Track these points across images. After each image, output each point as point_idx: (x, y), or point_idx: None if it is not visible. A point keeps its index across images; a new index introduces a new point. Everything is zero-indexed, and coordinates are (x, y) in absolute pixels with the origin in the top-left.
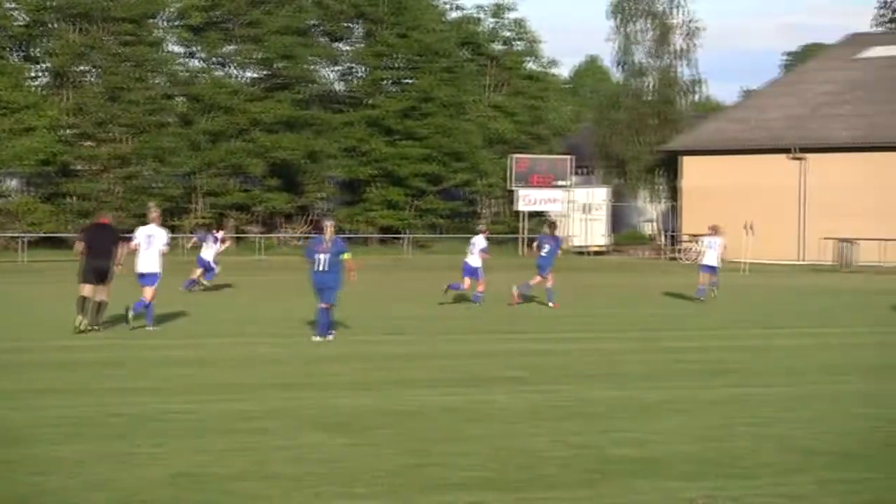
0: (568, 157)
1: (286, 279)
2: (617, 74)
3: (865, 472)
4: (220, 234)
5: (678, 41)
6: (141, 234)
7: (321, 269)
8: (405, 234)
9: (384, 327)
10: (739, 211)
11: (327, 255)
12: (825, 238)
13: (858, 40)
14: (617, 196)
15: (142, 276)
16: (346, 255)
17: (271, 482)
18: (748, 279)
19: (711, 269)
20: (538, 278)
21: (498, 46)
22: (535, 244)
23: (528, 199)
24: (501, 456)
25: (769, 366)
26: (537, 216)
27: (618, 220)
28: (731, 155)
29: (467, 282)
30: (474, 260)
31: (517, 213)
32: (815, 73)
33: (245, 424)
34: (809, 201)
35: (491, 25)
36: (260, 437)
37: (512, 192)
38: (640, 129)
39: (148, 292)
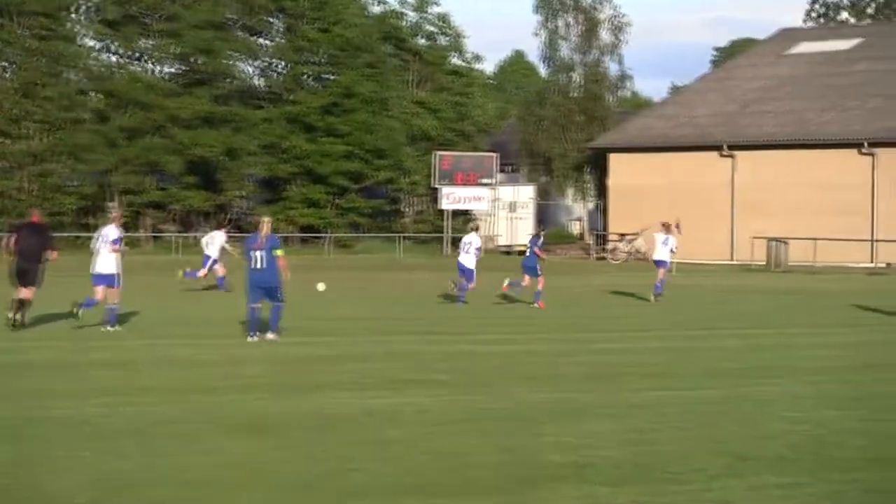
0: (493, 154)
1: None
2: (543, 70)
3: (797, 477)
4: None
5: (605, 36)
6: (99, 234)
7: (258, 266)
8: (326, 233)
9: (309, 328)
10: (668, 209)
11: (263, 252)
12: (756, 237)
13: (789, 35)
14: (543, 194)
15: (98, 276)
16: (278, 252)
17: (192, 488)
18: (677, 279)
19: (663, 263)
20: (527, 279)
21: (421, 41)
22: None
23: (453, 198)
24: (427, 461)
25: (699, 368)
26: (462, 215)
27: (544, 218)
28: (660, 152)
29: (464, 281)
30: (468, 259)
31: (441, 211)
32: (744, 68)
33: (165, 429)
34: (739, 199)
35: (414, 20)
36: (180, 441)
37: (436, 190)
38: (566, 125)
39: (100, 292)
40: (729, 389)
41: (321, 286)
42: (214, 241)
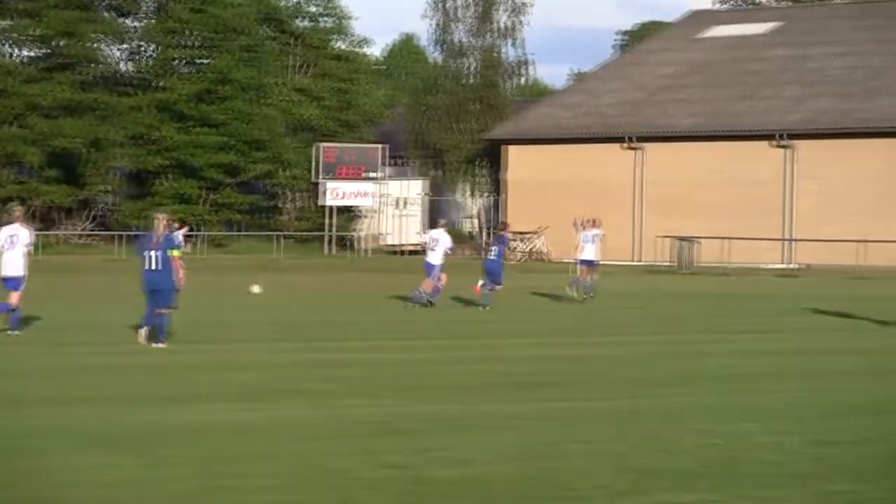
0: (380, 146)
1: (69, 281)
2: (435, 55)
3: (707, 494)
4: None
5: (502, 18)
6: (3, 234)
7: (153, 267)
8: (199, 231)
9: (186, 335)
10: (570, 205)
11: (159, 253)
12: (663, 236)
13: (700, 18)
14: (434, 189)
15: (6, 279)
16: (175, 252)
17: None
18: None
19: (590, 263)
20: (491, 285)
21: (303, 23)
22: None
23: (336, 193)
24: (305, 477)
25: (602, 377)
26: (346, 211)
27: (435, 215)
28: (561, 144)
29: (444, 278)
30: (435, 257)
31: (323, 208)
32: (652, 54)
33: (20, 442)
34: (647, 195)
35: (296, 0)
36: (38, 458)
37: (318, 184)
38: (460, 115)
39: (14, 297)
40: (636, 400)
41: (256, 288)
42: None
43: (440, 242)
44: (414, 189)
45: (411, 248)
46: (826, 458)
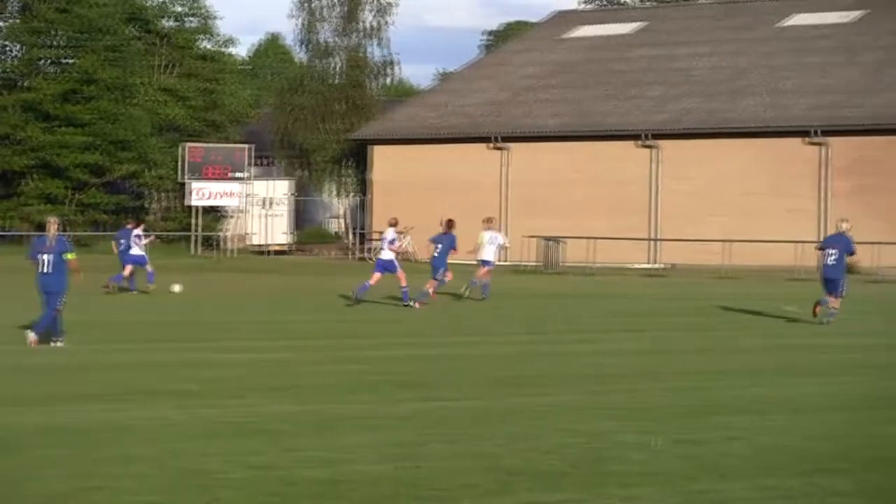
0: (246, 146)
1: None
2: (300, 55)
3: (573, 493)
4: (139, 231)
5: (368, 18)
6: None
7: (46, 270)
8: (65, 231)
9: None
10: (436, 205)
11: (51, 256)
12: (529, 236)
13: (566, 19)
14: (301, 189)
15: None
16: (69, 255)
17: None
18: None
19: (488, 263)
20: (433, 280)
21: (168, 23)
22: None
23: (202, 193)
24: (172, 478)
25: (469, 377)
26: (212, 211)
27: (301, 216)
28: (427, 144)
29: (375, 277)
30: (386, 254)
31: (190, 208)
32: (518, 54)
33: None
34: (513, 195)
35: (161, 0)
36: None
37: (184, 184)
38: (326, 115)
39: None
40: (502, 400)
41: (177, 287)
42: (140, 240)
43: (386, 239)
44: (280, 189)
45: (277, 248)
46: (689, 457)
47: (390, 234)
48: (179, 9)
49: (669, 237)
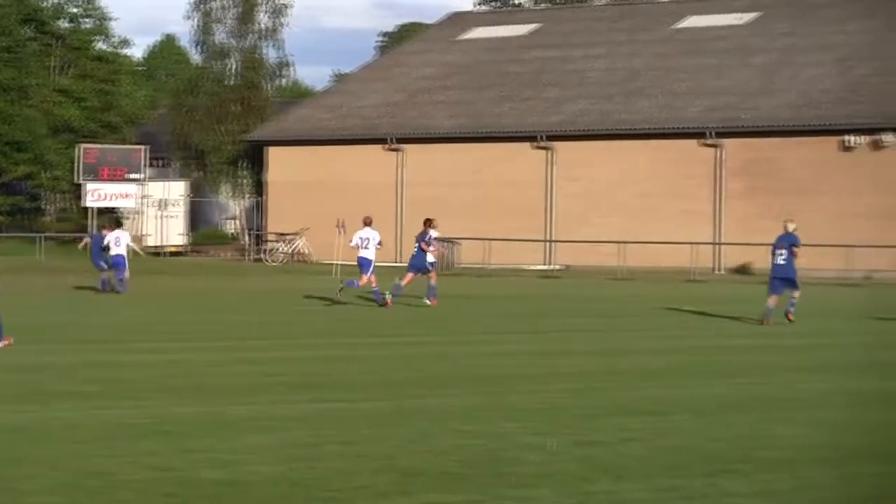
0: (142, 147)
1: None
2: (196, 56)
3: (469, 494)
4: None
5: (263, 19)
6: None
7: None
8: None
9: None
10: (331, 207)
11: None
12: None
13: (461, 20)
14: (196, 191)
15: None
16: None
17: None
18: (334, 283)
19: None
20: (410, 275)
21: (64, 24)
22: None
23: (98, 194)
24: (70, 480)
25: (365, 378)
26: (108, 212)
27: (197, 217)
28: (323, 146)
29: (364, 278)
30: (369, 253)
31: (86, 209)
32: (413, 55)
33: None
34: (408, 196)
35: (56, 1)
36: None
37: (80, 186)
38: (221, 116)
39: None
40: (400, 401)
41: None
42: (121, 242)
43: (372, 240)
44: (176, 190)
45: (173, 249)
46: (587, 458)
47: (373, 234)
48: (75, 10)
49: (564, 239)
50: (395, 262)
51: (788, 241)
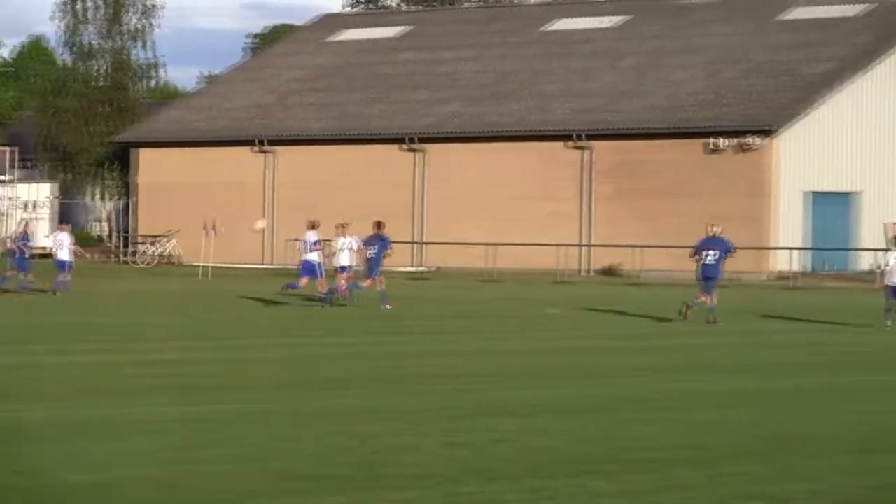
0: (9, 148)
1: None
2: (64, 57)
3: (341, 496)
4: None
5: (132, 20)
6: None
7: None
8: None
9: None
10: (202, 209)
11: None
12: (293, 239)
13: (332, 22)
14: (64, 192)
15: None
16: None
17: None
18: (209, 284)
19: (345, 269)
20: (368, 281)
21: None
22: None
23: None
24: None
25: (252, 380)
26: None
27: (65, 219)
28: (192, 147)
29: (304, 280)
30: (313, 256)
31: None
32: (283, 57)
33: None
34: (278, 198)
35: None
36: None
37: None
38: (89, 118)
39: None
40: (280, 403)
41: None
42: (64, 244)
43: (308, 241)
44: (43, 192)
45: (39, 250)
46: (458, 460)
47: (312, 236)
48: None
49: (435, 240)
50: (263, 263)
51: (720, 245)
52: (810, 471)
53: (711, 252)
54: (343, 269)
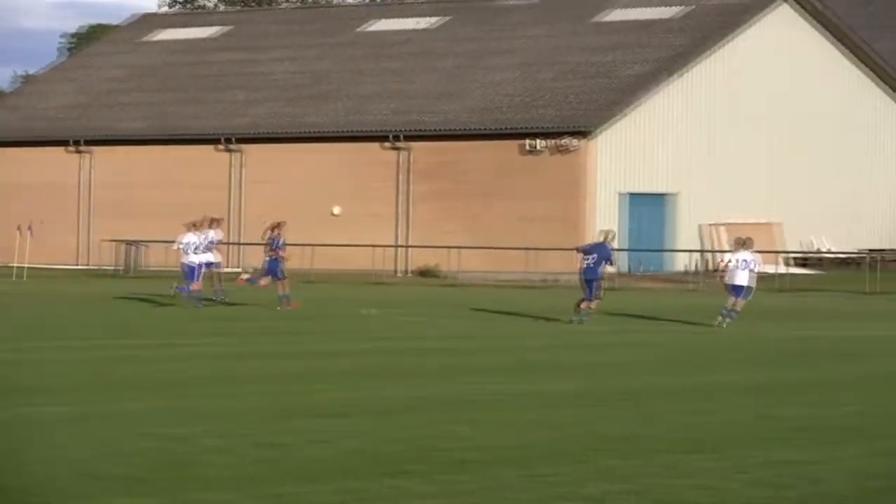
0: None
1: None
2: None
3: (151, 498)
4: None
5: None
6: None
7: None
8: None
9: None
10: (16, 210)
11: None
12: (109, 240)
13: (149, 22)
14: None
15: None
16: None
17: None
18: (24, 286)
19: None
20: (269, 279)
21: None
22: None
23: None
24: None
25: (49, 382)
26: None
27: None
28: (8, 148)
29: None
30: (191, 259)
31: None
32: (99, 57)
33: None
34: (95, 198)
35: None
36: None
37: None
38: None
39: None
40: (81, 405)
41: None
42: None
43: (191, 244)
44: None
45: None
46: (272, 461)
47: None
48: None
49: (254, 241)
50: (77, 264)
51: (600, 251)
52: (629, 471)
53: (590, 256)
54: (209, 265)
